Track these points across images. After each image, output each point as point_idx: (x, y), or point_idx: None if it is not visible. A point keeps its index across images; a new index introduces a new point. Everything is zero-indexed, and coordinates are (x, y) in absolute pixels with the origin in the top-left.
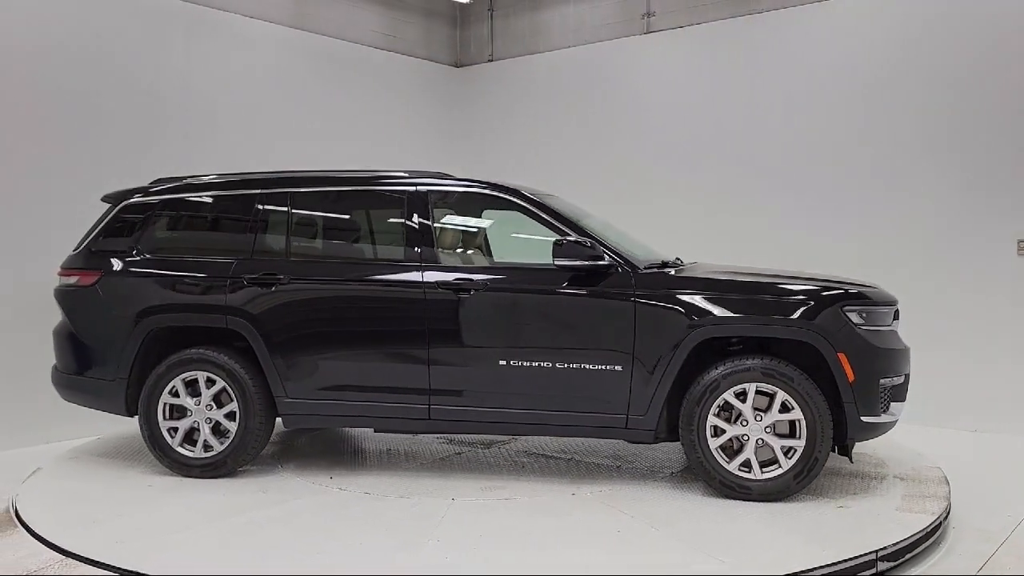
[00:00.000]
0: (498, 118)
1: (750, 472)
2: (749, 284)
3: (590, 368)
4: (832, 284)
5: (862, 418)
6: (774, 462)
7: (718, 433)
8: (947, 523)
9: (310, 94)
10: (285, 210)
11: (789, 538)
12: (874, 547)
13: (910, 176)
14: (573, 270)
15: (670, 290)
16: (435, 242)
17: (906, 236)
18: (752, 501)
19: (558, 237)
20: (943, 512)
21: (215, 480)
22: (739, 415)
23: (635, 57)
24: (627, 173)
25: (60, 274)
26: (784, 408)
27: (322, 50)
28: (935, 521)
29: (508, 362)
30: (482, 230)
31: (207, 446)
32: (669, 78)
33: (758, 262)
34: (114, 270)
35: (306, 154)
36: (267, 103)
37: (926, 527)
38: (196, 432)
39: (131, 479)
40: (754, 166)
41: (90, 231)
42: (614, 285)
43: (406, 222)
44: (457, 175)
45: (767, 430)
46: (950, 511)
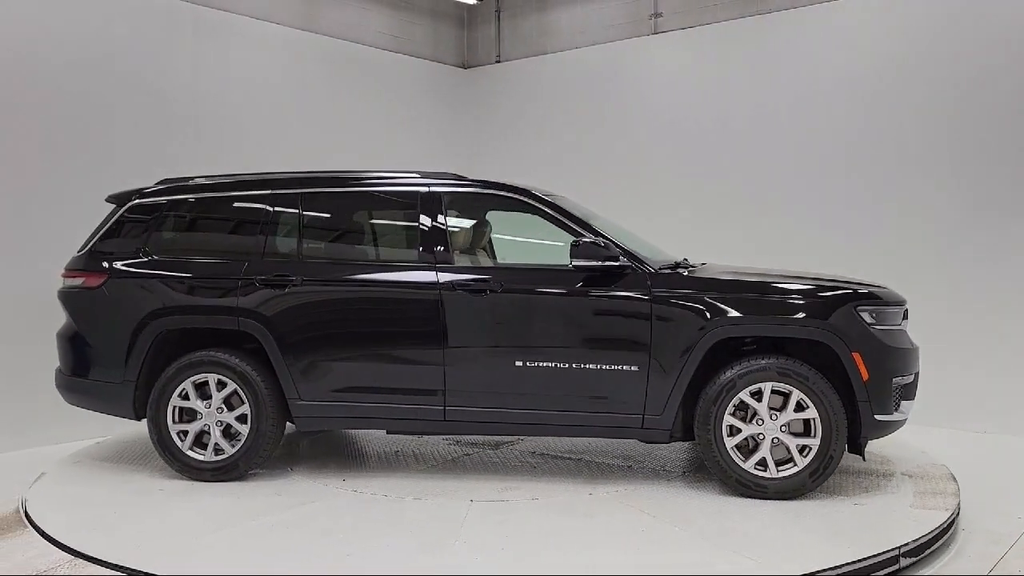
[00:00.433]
0: (505, 119)
1: (766, 471)
2: (765, 284)
3: (606, 368)
4: (845, 284)
5: (876, 416)
6: (789, 460)
7: (734, 432)
8: (957, 524)
9: (318, 95)
10: (296, 211)
11: (812, 535)
12: (896, 543)
13: (920, 176)
14: (590, 271)
15: (686, 290)
16: (449, 243)
17: (916, 236)
18: (768, 499)
19: (575, 238)
20: (956, 508)
21: (227, 484)
22: (754, 414)
23: (643, 58)
24: (635, 174)
25: (64, 276)
26: (799, 407)
27: (330, 51)
28: (951, 517)
29: (524, 363)
30: (489, 231)
31: (218, 449)
32: (677, 79)
33: (765, 263)
34: (121, 271)
35: (313, 155)
36: (275, 104)
37: (943, 523)
38: (206, 435)
39: (140, 483)
40: (762, 166)
41: (95, 232)
42: (630, 285)
43: (420, 223)
44: (466, 176)
45: (782, 429)
46: (960, 511)
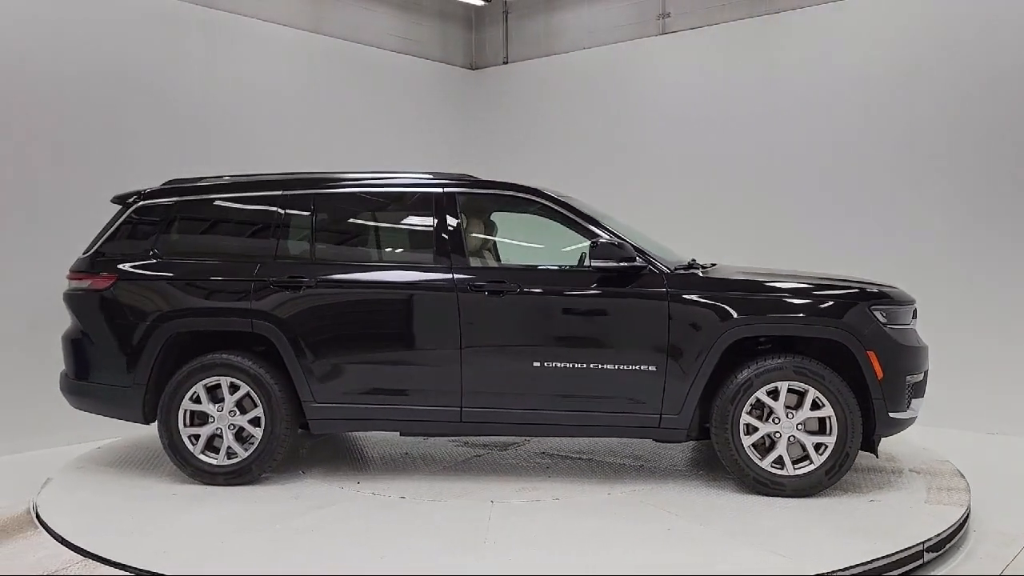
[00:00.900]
0: (513, 120)
1: (782, 468)
2: (780, 284)
3: (624, 368)
4: (857, 284)
5: (890, 414)
6: (805, 458)
7: (751, 431)
8: (968, 525)
9: (326, 97)
10: (309, 212)
11: (836, 532)
12: (920, 539)
13: (929, 176)
14: (608, 271)
15: (703, 290)
16: (465, 244)
17: (925, 236)
18: (785, 497)
19: (591, 239)
20: (969, 503)
21: (240, 488)
22: (771, 413)
23: (651, 58)
24: (642, 174)
25: (70, 278)
26: (815, 405)
27: (338, 53)
28: (966, 512)
29: (542, 363)
30: (495, 232)
31: (231, 453)
32: (685, 79)
33: (773, 263)
34: (130, 273)
35: (321, 156)
36: (283, 106)
37: (961, 518)
38: (217, 439)
39: (150, 487)
40: (770, 167)
41: (101, 233)
42: (647, 286)
43: (436, 224)
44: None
45: (798, 427)
46: (971, 511)
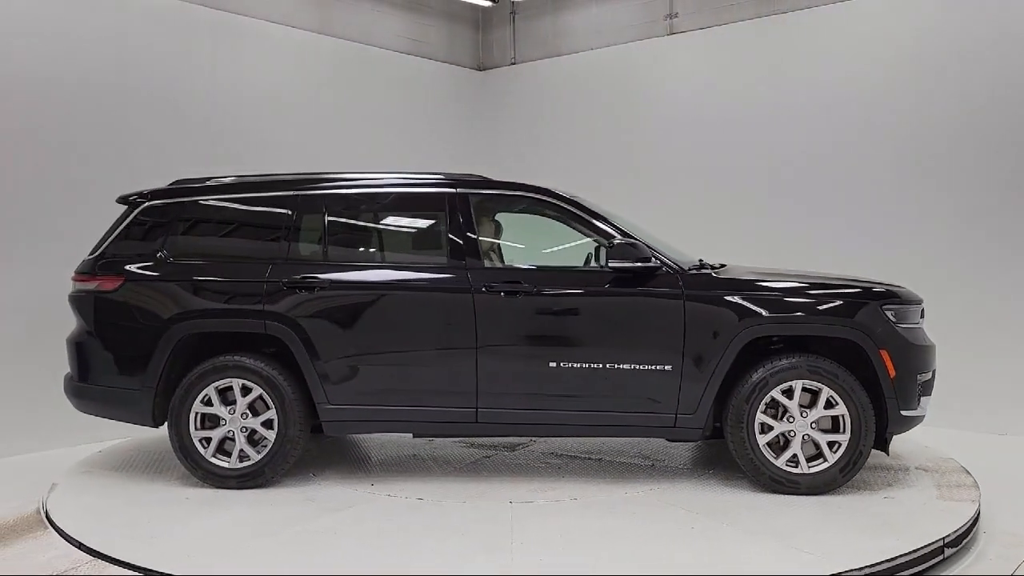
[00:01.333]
0: (520, 120)
1: (797, 467)
2: (795, 284)
3: (640, 368)
4: (867, 284)
5: (902, 412)
6: (818, 456)
7: (766, 430)
8: (979, 523)
9: (334, 98)
10: (321, 212)
11: (857, 529)
12: (940, 535)
13: (937, 176)
14: (625, 271)
15: (718, 290)
16: (480, 244)
17: (934, 236)
18: (800, 495)
19: (607, 239)
20: (980, 498)
21: (253, 491)
22: (785, 411)
23: (658, 59)
24: (650, 174)
25: (76, 279)
26: (828, 404)
27: (345, 54)
28: (978, 508)
29: (558, 364)
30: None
31: (243, 456)
32: (693, 79)
33: (780, 263)
34: (139, 275)
35: (328, 157)
36: (291, 107)
37: (975, 514)
38: (228, 442)
39: (162, 491)
40: (778, 167)
41: (107, 234)
42: (662, 286)
43: (449, 225)
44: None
45: (812, 425)
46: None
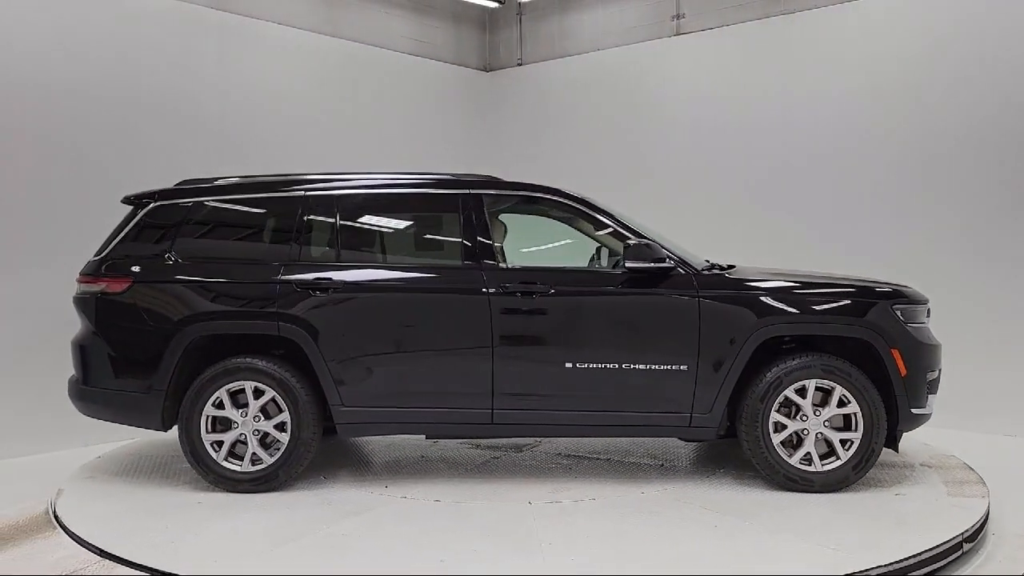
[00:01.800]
0: (527, 121)
1: (810, 465)
2: (808, 284)
3: (656, 368)
4: (876, 284)
5: (912, 410)
6: (831, 454)
7: (779, 429)
8: (988, 522)
9: (340, 99)
10: (334, 213)
11: (876, 525)
12: (959, 530)
13: (944, 177)
14: (640, 272)
15: (732, 290)
16: (494, 245)
17: (942, 237)
18: (814, 492)
19: (624, 239)
20: (988, 494)
21: (266, 495)
22: (798, 410)
23: (665, 59)
24: (656, 175)
25: (81, 281)
26: (841, 402)
27: (352, 56)
28: (988, 504)
29: (574, 364)
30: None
31: (255, 459)
32: (700, 80)
33: (787, 263)
34: (148, 276)
35: (335, 158)
36: (298, 108)
37: (987, 509)
38: (240, 445)
39: (173, 495)
40: (785, 168)
41: (112, 235)
42: (678, 286)
43: (464, 225)
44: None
45: (825, 424)
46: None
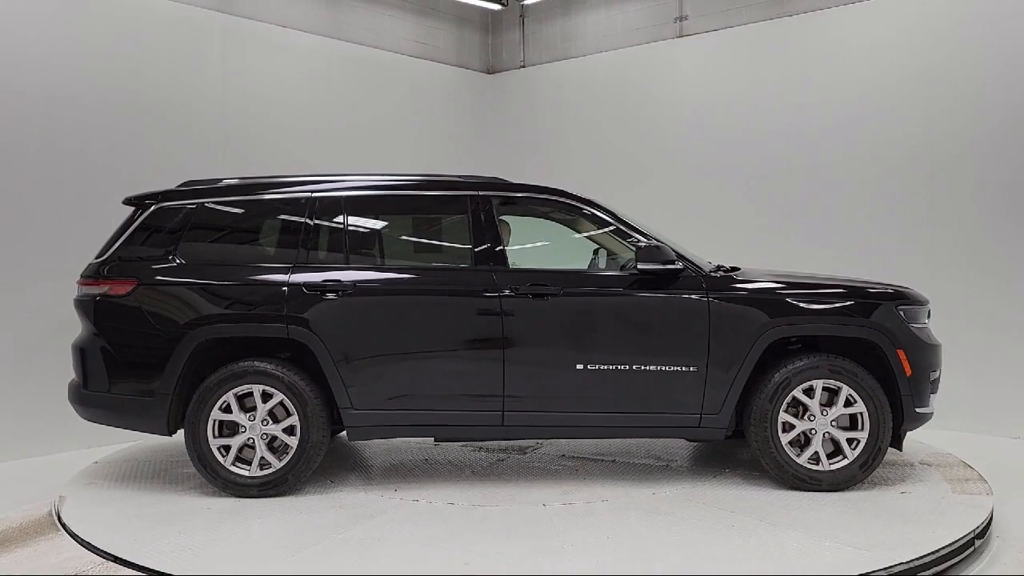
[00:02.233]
0: (530, 124)
1: (818, 464)
2: (815, 285)
3: (666, 370)
4: (879, 285)
5: (916, 409)
6: (838, 454)
7: (787, 428)
8: (988, 535)
9: (343, 101)
10: (342, 214)
11: (890, 523)
12: (971, 527)
13: (947, 178)
14: (652, 273)
15: (741, 292)
16: (505, 247)
17: (947, 238)
18: (822, 491)
19: (638, 242)
20: (991, 491)
21: (276, 499)
22: (806, 410)
23: (668, 61)
24: (659, 177)
25: (83, 283)
26: (847, 402)
27: (356, 58)
28: (992, 501)
29: (585, 366)
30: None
31: (264, 463)
32: (703, 82)
33: (789, 265)
34: (153, 278)
35: (338, 160)
36: (301, 110)
37: (992, 507)
38: (247, 449)
39: (182, 501)
40: (788, 170)
41: (114, 237)
42: (687, 288)
43: (474, 227)
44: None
45: (832, 423)
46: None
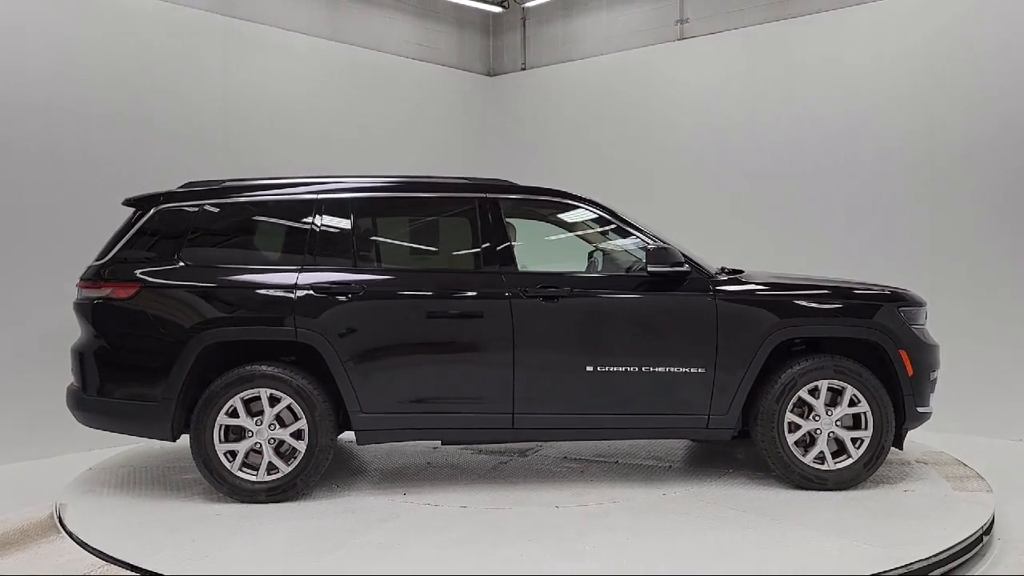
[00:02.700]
0: (531, 126)
1: (823, 464)
2: (818, 287)
3: (675, 371)
4: (879, 287)
5: (917, 408)
6: (842, 453)
7: (793, 429)
8: (992, 533)
9: (344, 104)
10: (349, 216)
11: (899, 521)
12: (977, 524)
13: (947, 180)
14: (660, 276)
15: (748, 294)
16: (513, 249)
17: (948, 240)
18: (828, 490)
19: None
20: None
21: (285, 505)
22: (811, 410)
23: (669, 64)
24: (660, 179)
25: (83, 286)
26: (851, 402)
27: (356, 61)
28: (994, 497)
29: (595, 368)
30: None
31: (272, 468)
32: (703, 84)
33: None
34: (156, 281)
35: (340, 162)
36: (302, 113)
37: (993, 504)
38: (253, 454)
39: (188, 508)
40: (789, 172)
41: (115, 239)
42: (694, 289)
43: (482, 229)
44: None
45: (837, 423)
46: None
